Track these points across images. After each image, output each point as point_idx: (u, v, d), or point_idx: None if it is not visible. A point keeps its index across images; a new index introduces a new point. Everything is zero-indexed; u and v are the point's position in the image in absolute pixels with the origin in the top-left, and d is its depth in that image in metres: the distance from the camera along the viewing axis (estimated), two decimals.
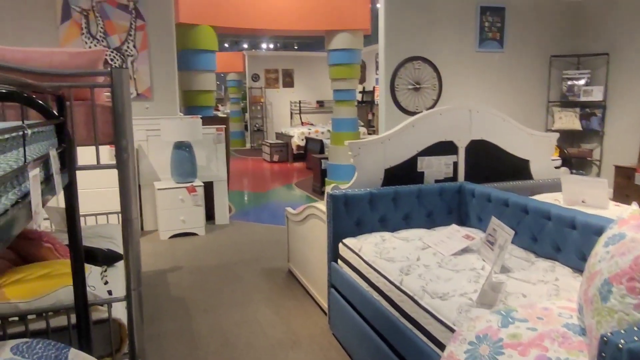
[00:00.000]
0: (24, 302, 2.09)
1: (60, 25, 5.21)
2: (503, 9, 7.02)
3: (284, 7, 6.63)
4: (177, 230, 5.36)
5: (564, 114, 7.44)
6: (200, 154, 5.72)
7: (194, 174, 5.45)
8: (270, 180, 9.54)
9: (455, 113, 3.37)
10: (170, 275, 4.21)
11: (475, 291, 2.12)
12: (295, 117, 14.58)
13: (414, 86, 6.73)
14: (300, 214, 3.78)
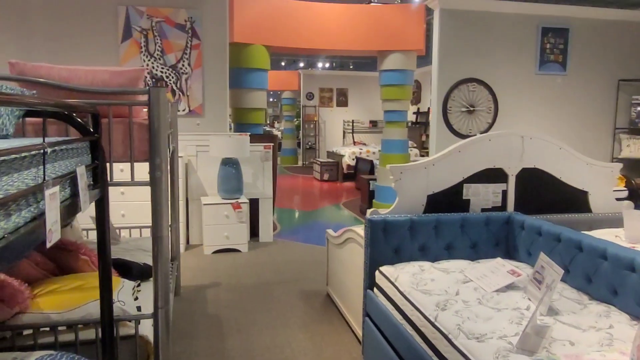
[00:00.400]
0: (56, 313, 2.13)
1: (121, 44, 5.47)
2: (567, 30, 6.72)
3: (336, 27, 6.67)
4: (221, 246, 5.41)
5: (633, 142, 6.98)
6: (247, 170, 5.79)
7: (240, 191, 5.51)
8: (319, 199, 9.53)
9: (506, 139, 3.21)
10: (208, 292, 4.24)
11: (517, 334, 1.96)
12: (347, 136, 14.58)
13: (468, 109, 6.53)
14: (339, 237, 3.71)
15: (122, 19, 5.43)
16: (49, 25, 5.33)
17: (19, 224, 1.08)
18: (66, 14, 5.35)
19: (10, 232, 1.04)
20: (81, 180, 1.52)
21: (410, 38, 6.74)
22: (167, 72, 5.61)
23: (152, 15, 5.49)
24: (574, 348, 1.88)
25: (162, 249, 2.15)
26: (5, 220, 1.02)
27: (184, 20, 5.57)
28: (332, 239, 3.93)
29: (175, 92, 5.67)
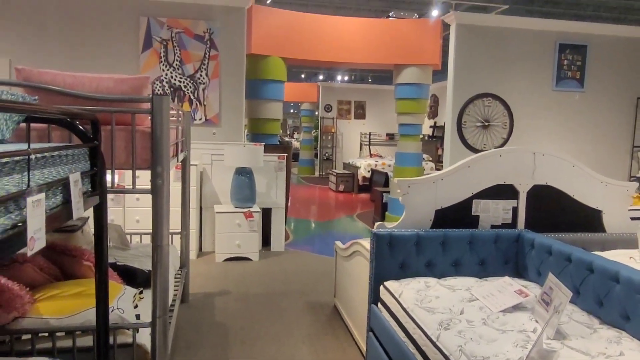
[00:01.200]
0: (55, 319, 2.10)
1: (142, 54, 5.51)
2: (585, 47, 6.58)
3: (353, 40, 6.63)
4: (232, 254, 5.36)
5: None
6: (260, 180, 5.75)
7: (252, 200, 5.47)
8: (333, 209, 9.45)
9: (517, 155, 3.10)
10: (217, 300, 4.18)
11: (521, 359, 1.85)
12: (364, 148, 14.49)
13: (483, 123, 6.42)
14: (347, 250, 3.63)
15: (144, 29, 5.48)
16: (70, 33, 5.40)
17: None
18: (88, 23, 5.41)
19: None
20: (74, 187, 1.48)
21: (427, 52, 6.66)
22: (185, 81, 5.63)
23: (172, 26, 5.53)
24: None
25: (162, 258, 2.10)
26: None
27: (203, 31, 5.60)
28: (340, 252, 3.85)
29: (192, 101, 5.68)
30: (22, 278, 2.20)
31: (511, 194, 3.12)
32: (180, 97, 5.65)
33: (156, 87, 5.59)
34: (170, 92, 5.61)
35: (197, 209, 5.53)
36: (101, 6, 5.43)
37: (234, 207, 5.44)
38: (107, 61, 5.48)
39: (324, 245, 6.29)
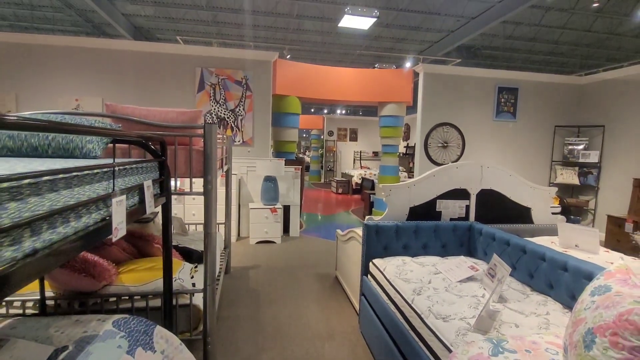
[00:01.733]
0: (134, 286, 2.07)
1: (197, 94, 5.51)
2: (517, 89, 6.51)
3: (349, 84, 6.60)
4: (262, 239, 5.32)
5: (565, 171, 6.66)
6: (282, 185, 5.72)
7: (276, 199, 5.43)
8: (335, 206, 9.37)
9: (469, 167, 3.05)
10: (251, 272, 4.14)
11: (474, 317, 1.80)
12: (356, 162, 14.42)
13: (443, 144, 6.35)
14: (345, 236, 3.58)
15: (198, 77, 5.48)
16: (145, 79, 5.41)
17: (89, 224, 1.01)
18: (158, 71, 5.43)
19: (81, 230, 0.97)
20: (147, 190, 1.46)
21: (402, 93, 6.62)
22: (228, 114, 5.62)
23: (219, 74, 5.53)
24: (518, 330, 1.71)
25: (211, 241, 2.07)
26: (76, 221, 0.95)
27: (241, 78, 5.59)
28: (340, 237, 3.80)
29: (233, 128, 5.67)
30: (109, 256, 2.18)
31: (465, 195, 3.07)
32: (224, 125, 5.63)
33: (207, 118, 5.58)
34: (217, 122, 5.60)
35: (237, 206, 5.49)
36: (167, 60, 5.44)
37: (263, 204, 5.40)
38: (172, 99, 5.48)
39: (328, 232, 6.23)
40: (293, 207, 5.81)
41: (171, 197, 1.80)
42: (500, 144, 6.55)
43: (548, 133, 6.73)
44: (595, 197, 6.30)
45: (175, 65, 5.46)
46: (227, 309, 3.15)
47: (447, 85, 6.26)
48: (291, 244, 5.34)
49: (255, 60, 5.64)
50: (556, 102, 6.69)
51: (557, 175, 6.71)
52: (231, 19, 7.45)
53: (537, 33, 8.41)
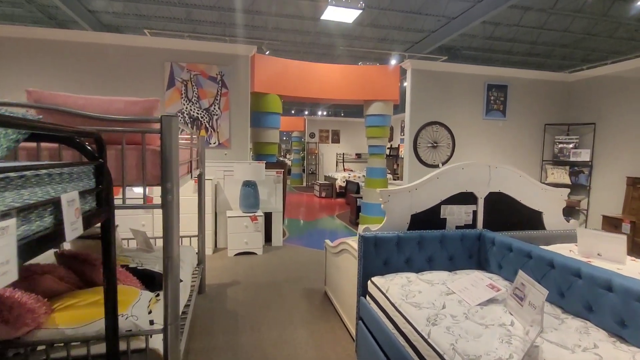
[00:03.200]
0: (71, 328, 1.59)
1: (166, 91, 5.00)
2: (506, 86, 6.31)
3: (333, 81, 6.23)
4: (241, 250, 4.85)
5: (556, 171, 6.50)
6: (263, 190, 5.27)
7: (256, 206, 4.98)
8: (318, 211, 8.98)
9: (476, 168, 2.71)
10: (229, 290, 3.67)
11: (511, 357, 1.42)
12: (339, 164, 14.09)
13: (432, 144, 6.06)
14: (335, 248, 3.18)
15: (167, 72, 4.98)
16: (107, 76, 4.87)
17: None
18: (123, 67, 4.89)
19: None
20: (69, 207, 1.01)
21: (388, 91, 6.30)
22: (201, 113, 5.14)
23: (191, 69, 5.04)
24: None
25: (173, 268, 1.62)
26: None
27: (216, 74, 5.12)
28: (330, 248, 3.39)
29: (208, 129, 5.18)
30: (41, 288, 1.69)
31: (472, 199, 2.73)
32: (198, 126, 5.14)
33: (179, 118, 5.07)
34: (190, 122, 5.11)
35: (213, 214, 5.01)
36: (133, 54, 4.91)
37: (242, 212, 4.94)
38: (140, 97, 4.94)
39: (313, 240, 5.82)
40: (275, 214, 5.37)
41: (114, 212, 1.35)
42: (490, 143, 6.33)
43: (538, 132, 6.56)
44: (587, 197, 6.15)
45: (142, 59, 4.94)
46: (200, 338, 2.69)
47: (436, 82, 5.99)
48: (274, 255, 4.89)
49: (232, 54, 5.18)
50: (545, 100, 6.53)
51: (547, 175, 6.55)
52: (206, 17, 6.96)
53: (516, 33, 8.53)
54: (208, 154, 5.19)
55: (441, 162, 6.12)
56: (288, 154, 21.05)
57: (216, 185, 5.16)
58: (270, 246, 5.33)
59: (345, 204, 9.86)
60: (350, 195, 7.57)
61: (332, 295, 3.35)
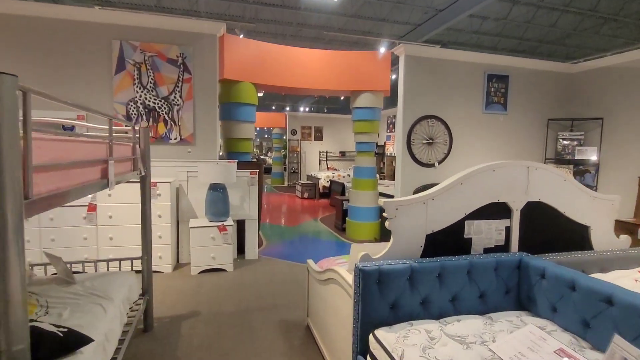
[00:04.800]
0: None
1: (115, 76, 4.13)
2: (507, 77, 5.70)
3: (316, 70, 5.47)
4: (207, 266, 4.05)
5: None
6: (234, 194, 4.48)
7: (226, 213, 4.17)
8: (300, 213, 8.22)
9: (511, 170, 2.01)
10: (185, 325, 2.87)
11: None
12: (322, 163, 13.36)
13: (428, 141, 5.39)
14: (321, 274, 2.43)
15: (116, 52, 4.11)
16: (42, 55, 3.96)
17: None
18: (61, 44, 4.00)
19: None
20: None
21: (378, 80, 5.59)
22: (159, 103, 4.29)
23: (145, 50, 4.19)
24: None
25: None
26: None
27: (176, 55, 4.28)
28: (313, 273, 2.64)
29: (167, 121, 4.34)
30: None
31: (504, 212, 2.03)
32: (155, 118, 4.30)
33: (130, 107, 4.21)
34: (145, 113, 4.26)
35: (172, 224, 4.18)
36: (74, 29, 4.02)
37: (208, 221, 4.13)
38: (81, 82, 4.07)
39: (294, 250, 5.06)
40: (249, 222, 4.58)
41: None
42: (489, 140, 5.72)
43: (540, 127, 6.00)
44: None
45: (85, 36, 4.06)
46: None
47: (432, 71, 5.32)
48: (247, 272, 4.11)
49: (195, 32, 4.35)
50: (548, 93, 5.97)
51: None
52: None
53: (503, 28, 8.41)
54: (168, 152, 4.36)
55: (437, 160, 5.46)
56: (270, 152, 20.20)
57: (178, 189, 4.33)
58: (244, 259, 4.54)
59: (329, 206, 9.14)
60: (336, 197, 6.84)
61: (316, 330, 2.60)
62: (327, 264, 2.58)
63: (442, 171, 5.48)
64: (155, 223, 3.95)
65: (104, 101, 4.14)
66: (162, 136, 4.34)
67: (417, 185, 5.37)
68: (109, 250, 3.85)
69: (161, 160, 4.31)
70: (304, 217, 7.72)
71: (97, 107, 4.09)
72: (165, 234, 4.00)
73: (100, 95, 4.12)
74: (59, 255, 2.43)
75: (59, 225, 3.79)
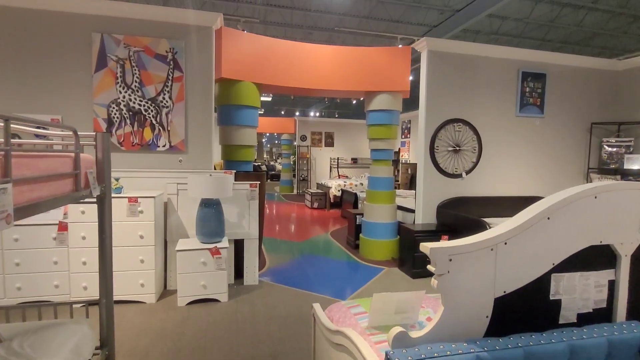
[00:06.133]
0: None
1: (95, 74, 3.57)
2: (544, 75, 4.97)
3: (327, 68, 4.84)
4: (197, 296, 3.42)
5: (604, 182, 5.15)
6: (232, 209, 3.86)
7: (220, 234, 3.55)
8: (309, 225, 7.57)
9: (620, 196, 1.33)
10: None
11: None
12: (333, 170, 12.71)
13: (454, 148, 4.69)
14: (331, 334, 1.77)
15: (97, 47, 3.56)
16: (13, 50, 3.43)
17: None
18: (33, 38, 3.46)
19: None
20: None
21: (397, 79, 4.93)
22: (145, 105, 3.72)
23: (130, 44, 3.63)
24: None
25: None
26: None
27: (165, 51, 3.71)
28: (321, 326, 1.98)
29: (154, 126, 3.76)
30: None
31: (607, 260, 1.35)
32: (140, 122, 3.72)
33: (112, 110, 3.65)
34: (130, 117, 3.69)
35: (158, 245, 3.57)
36: (49, 22, 3.49)
37: (200, 242, 3.52)
38: (57, 81, 3.52)
39: (300, 273, 4.41)
40: (249, 242, 3.95)
41: None
42: (523, 147, 4.99)
43: (582, 132, 5.24)
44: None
45: (60, 28, 3.52)
46: None
47: (459, 68, 4.65)
48: (244, 303, 3.47)
49: (188, 24, 3.78)
50: (591, 93, 5.22)
51: None
52: None
53: (523, 29, 7.82)
54: (155, 161, 3.78)
55: (464, 170, 4.76)
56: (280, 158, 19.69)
57: (166, 204, 3.74)
58: (242, 285, 3.91)
59: (340, 217, 8.47)
60: (348, 209, 6.17)
61: None
62: (339, 314, 1.93)
63: (470, 183, 4.78)
64: (137, 245, 3.35)
65: (82, 103, 3.58)
66: (148, 143, 3.75)
67: (441, 199, 4.68)
68: (81, 277, 3.26)
69: (147, 171, 3.73)
70: (313, 230, 7.07)
71: (75, 109, 3.53)
72: (149, 257, 3.39)
73: (78, 96, 3.57)
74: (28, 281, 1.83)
75: (24, 247, 3.22)
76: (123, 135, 3.69)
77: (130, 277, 3.36)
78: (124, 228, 3.30)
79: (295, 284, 4.01)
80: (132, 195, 3.30)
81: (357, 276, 4.29)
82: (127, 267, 3.34)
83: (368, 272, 4.46)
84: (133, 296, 3.38)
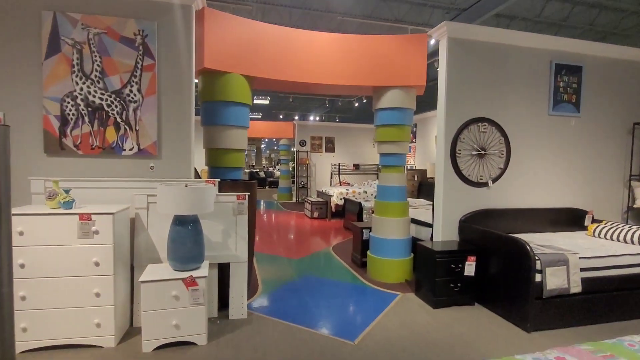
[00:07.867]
0: None
1: (45, 61, 2.90)
2: (580, 68, 4.30)
3: (329, 59, 4.18)
4: (167, 339, 2.71)
5: None
6: (214, 227, 3.16)
7: (198, 259, 2.85)
8: (309, 238, 6.87)
9: None
10: None
11: None
12: (334, 177, 12.03)
13: (479, 152, 4.01)
14: None
15: (48, 29, 2.89)
16: None
17: None
18: None
19: None
20: None
21: (411, 72, 4.26)
22: (108, 99, 3.04)
23: (89, 24, 2.96)
24: None
25: None
26: None
27: (133, 33, 3.04)
28: None
29: (119, 125, 3.08)
30: None
31: None
32: (102, 120, 3.04)
33: (67, 106, 2.97)
34: (89, 113, 3.01)
35: (120, 273, 2.87)
36: None
37: (172, 269, 2.82)
38: (4, 68, 2.85)
39: (298, 301, 3.70)
40: (236, 266, 3.24)
41: None
42: (556, 150, 4.32)
43: (623, 133, 4.57)
44: None
45: (3, 5, 2.85)
46: None
47: (483, 58, 3.99)
48: (228, 346, 2.75)
49: (162, 1, 3.12)
50: (633, 89, 4.56)
51: (637, 197, 4.54)
52: None
53: (532, 29, 7.32)
54: (120, 168, 3.09)
55: (490, 178, 4.08)
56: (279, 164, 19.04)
57: (133, 220, 3.04)
58: (226, 319, 3.20)
59: (343, 228, 7.76)
60: (353, 224, 5.48)
61: None
62: None
63: (497, 193, 4.10)
64: (91, 275, 2.65)
65: (29, 97, 2.91)
66: (112, 145, 3.07)
67: (464, 212, 3.99)
68: (21, 315, 2.55)
69: (110, 180, 3.04)
70: (313, 244, 6.36)
71: (21, 104, 2.85)
72: (106, 290, 2.68)
73: (25, 88, 2.89)
74: None
75: None
76: (80, 136, 3.01)
77: (82, 315, 2.65)
78: (74, 253, 2.60)
79: (291, 316, 3.29)
80: (84, 212, 2.60)
81: (367, 305, 3.58)
82: (79, 303, 2.64)
83: (379, 298, 3.76)
84: (86, 339, 2.67)
